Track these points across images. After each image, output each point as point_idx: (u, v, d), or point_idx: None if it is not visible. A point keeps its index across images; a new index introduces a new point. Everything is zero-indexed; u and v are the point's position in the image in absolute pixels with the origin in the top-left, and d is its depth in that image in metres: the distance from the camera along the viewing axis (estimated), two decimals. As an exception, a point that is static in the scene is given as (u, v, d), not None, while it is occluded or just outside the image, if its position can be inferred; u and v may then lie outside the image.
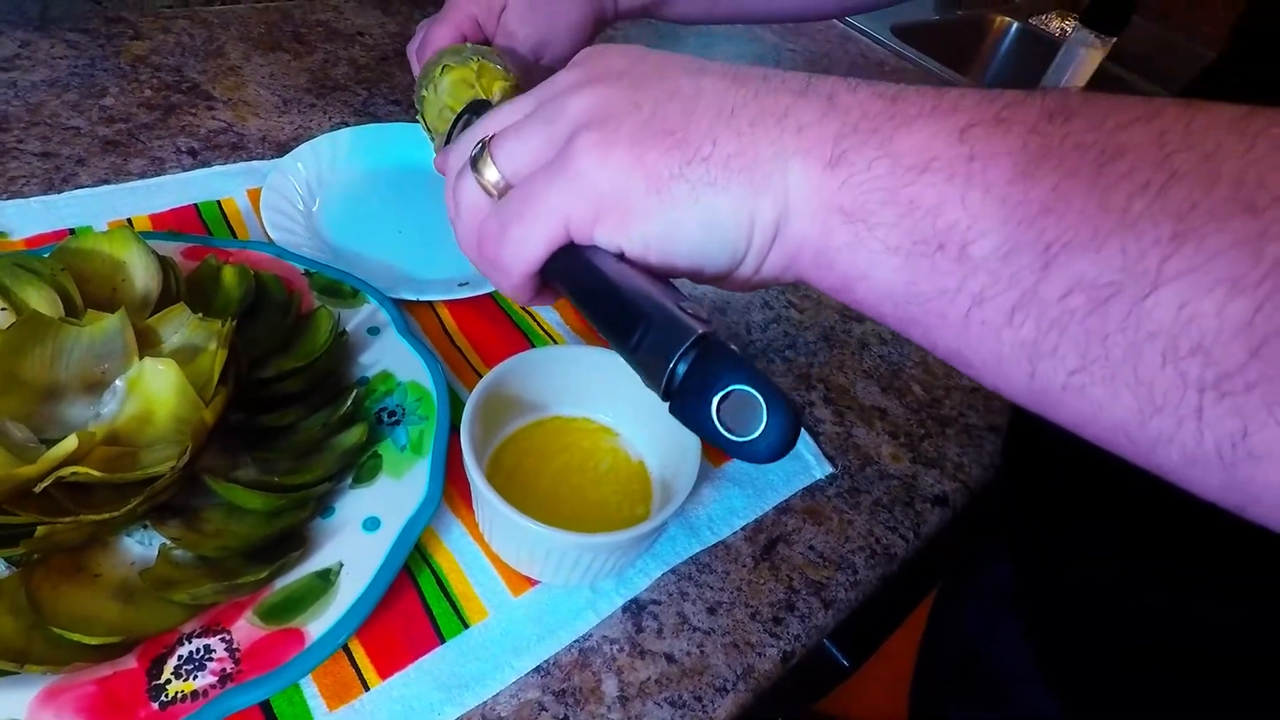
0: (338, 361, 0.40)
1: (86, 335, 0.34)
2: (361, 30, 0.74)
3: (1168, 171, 0.17)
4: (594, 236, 0.25)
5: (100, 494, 0.31)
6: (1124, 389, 0.18)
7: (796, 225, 0.23)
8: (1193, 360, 0.17)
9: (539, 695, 0.33)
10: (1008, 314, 0.19)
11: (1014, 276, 0.19)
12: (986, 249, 0.19)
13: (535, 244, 0.25)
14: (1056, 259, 0.18)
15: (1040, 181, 0.19)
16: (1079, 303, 0.18)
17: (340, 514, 0.35)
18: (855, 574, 0.41)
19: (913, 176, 0.20)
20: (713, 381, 0.21)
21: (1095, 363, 0.18)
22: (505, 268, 0.26)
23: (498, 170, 0.26)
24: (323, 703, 0.31)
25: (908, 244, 0.21)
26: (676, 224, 0.23)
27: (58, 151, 0.52)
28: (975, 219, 0.19)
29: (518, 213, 0.25)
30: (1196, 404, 0.17)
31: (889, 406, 0.51)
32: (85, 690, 0.27)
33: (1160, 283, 0.17)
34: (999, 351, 0.20)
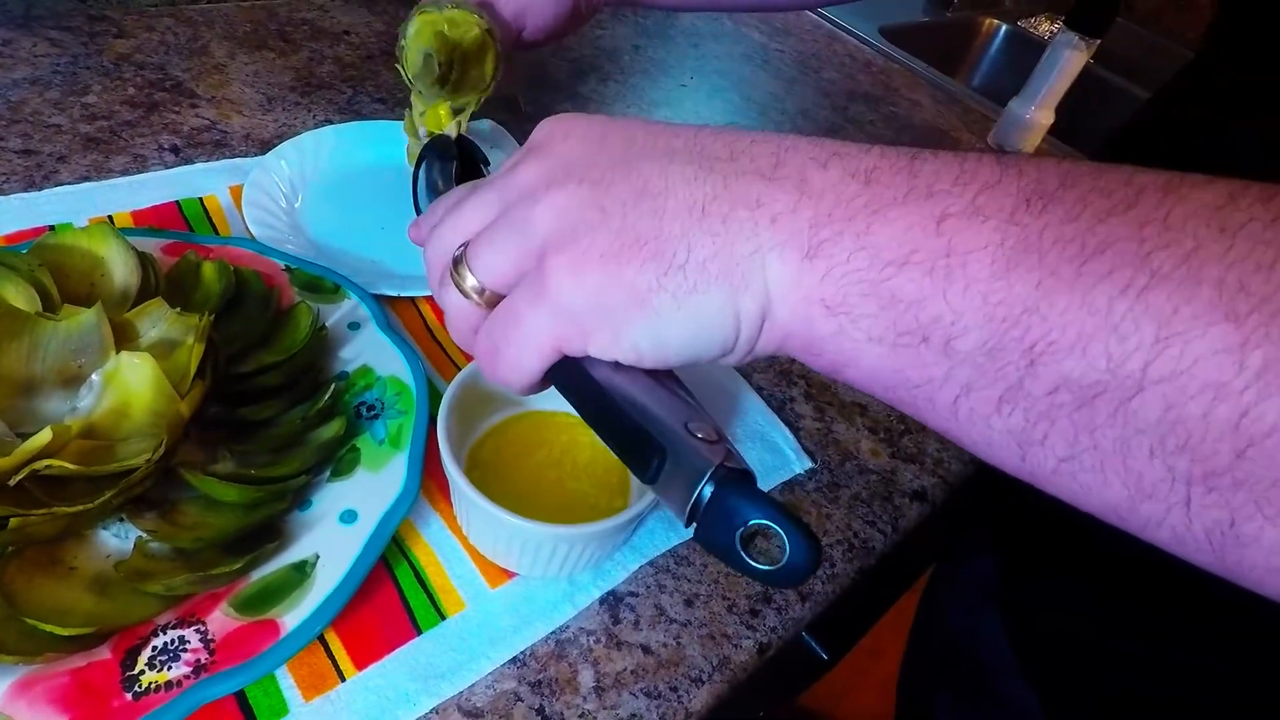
0: (317, 356, 0.41)
1: (63, 330, 0.34)
2: (348, 29, 0.74)
3: (1149, 272, 0.17)
4: (587, 350, 0.25)
5: (75, 487, 0.31)
6: (1114, 476, 0.18)
7: (781, 315, 0.23)
8: (1180, 457, 0.17)
9: (515, 686, 0.33)
10: (995, 404, 0.20)
11: (999, 371, 0.19)
12: (971, 345, 0.19)
13: (530, 363, 0.25)
14: (1041, 358, 0.18)
15: (1022, 280, 0.19)
16: (1066, 399, 0.18)
17: (318, 507, 0.35)
18: (833, 567, 0.42)
19: (893, 271, 0.20)
20: (734, 516, 0.22)
21: (1084, 452, 0.18)
22: (506, 382, 0.27)
23: (477, 280, 0.26)
24: (298, 693, 0.31)
25: (892, 335, 0.21)
26: (664, 331, 0.23)
27: (39, 149, 0.52)
28: (958, 315, 0.19)
29: (506, 338, 0.25)
30: (1185, 495, 0.17)
31: (869, 402, 0.51)
32: (59, 681, 0.28)
33: (1145, 385, 0.17)
34: (989, 437, 0.20)
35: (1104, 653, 0.41)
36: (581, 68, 0.80)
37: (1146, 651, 0.39)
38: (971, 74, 1.39)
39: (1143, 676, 0.40)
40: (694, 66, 0.86)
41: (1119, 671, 0.41)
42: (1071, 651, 0.43)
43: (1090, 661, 0.42)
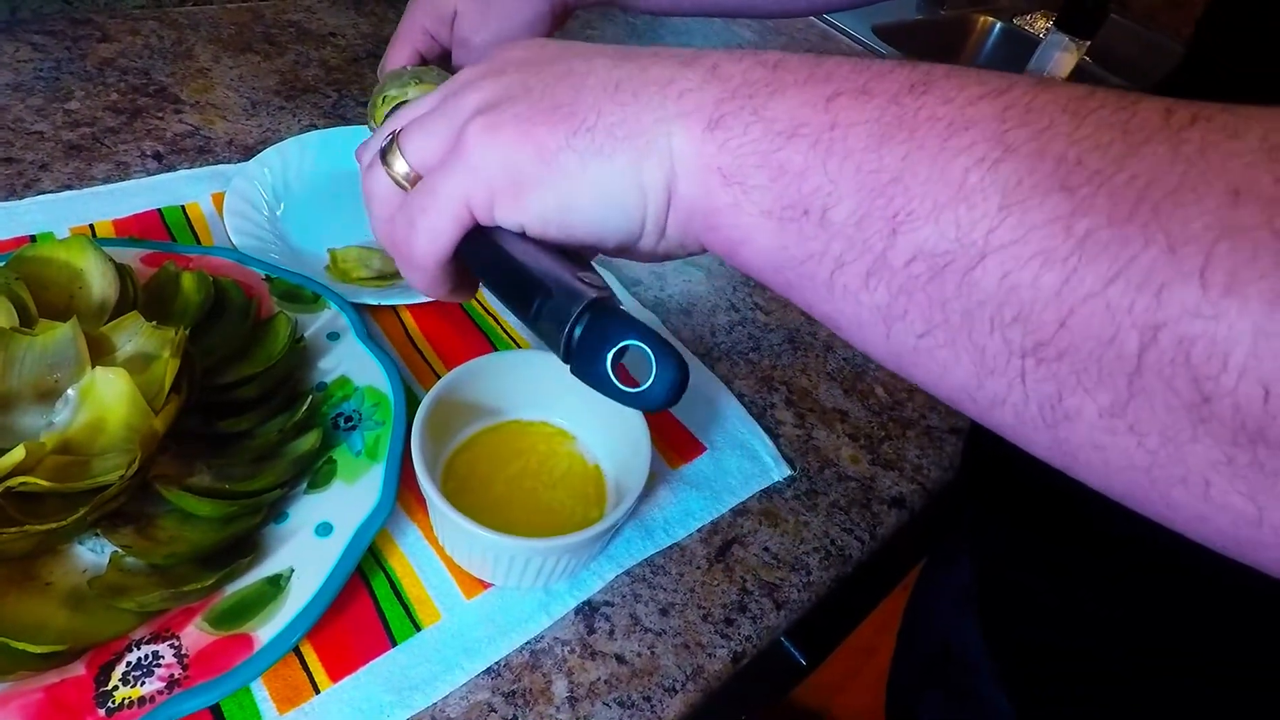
0: (295, 367, 0.41)
1: (39, 344, 0.34)
2: (334, 31, 0.74)
3: (1003, 146, 0.19)
4: (494, 217, 0.25)
5: (50, 503, 0.31)
6: (963, 352, 0.19)
7: (683, 188, 0.24)
8: (1014, 328, 0.18)
9: (489, 696, 0.34)
10: (863, 278, 0.21)
11: (866, 242, 0.20)
12: (843, 214, 0.21)
13: (441, 232, 0.26)
14: (901, 226, 0.20)
15: (892, 152, 0.20)
16: (920, 269, 0.19)
17: (294, 519, 0.35)
18: (809, 575, 0.42)
19: (781, 142, 0.22)
20: (605, 340, 0.23)
21: (938, 327, 0.20)
22: (419, 261, 0.27)
23: (406, 162, 0.27)
24: (273, 706, 0.31)
25: (778, 208, 0.22)
26: (569, 194, 0.24)
27: (20, 157, 0.52)
28: (834, 185, 0.21)
29: (421, 206, 0.26)
30: (1020, 369, 0.18)
31: (851, 409, 0.52)
32: (32, 698, 0.28)
33: (987, 252, 0.18)
34: (859, 314, 0.21)
35: (1075, 658, 0.41)
36: (569, 69, 0.79)
37: (1118, 659, 0.40)
38: (965, 71, 1.39)
39: (1115, 685, 0.40)
40: (683, 67, 0.86)
41: (1090, 679, 0.41)
42: (1043, 656, 0.43)
43: (1062, 666, 0.42)
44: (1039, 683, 0.44)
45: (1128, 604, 0.39)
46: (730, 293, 0.58)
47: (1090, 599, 0.41)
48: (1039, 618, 0.44)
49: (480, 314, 0.49)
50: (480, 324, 0.49)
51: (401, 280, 0.50)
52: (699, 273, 0.58)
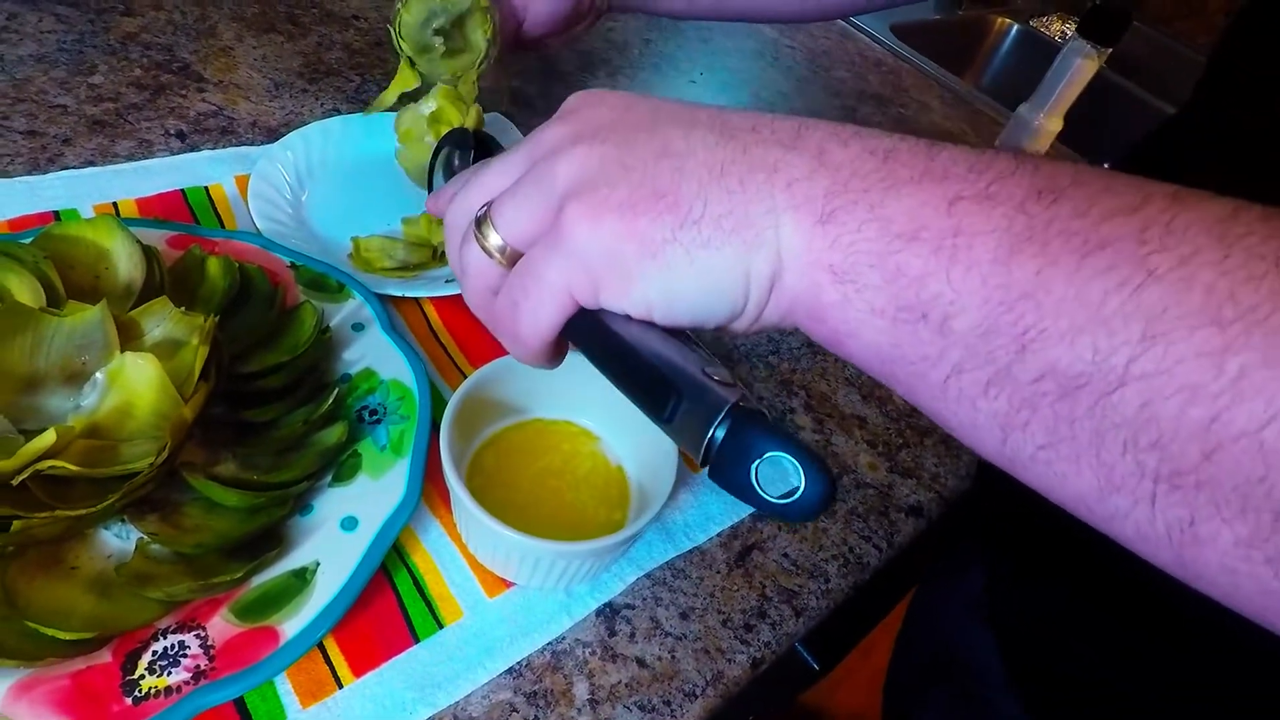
0: (321, 358, 0.41)
1: (67, 326, 0.34)
2: (357, 13, 0.73)
3: (1145, 271, 0.18)
4: (599, 302, 0.25)
5: (78, 487, 0.31)
6: (1087, 467, 0.19)
7: (790, 281, 0.23)
8: (1150, 454, 0.18)
9: (510, 696, 0.34)
10: (983, 387, 0.20)
11: (990, 354, 0.20)
12: (966, 325, 0.20)
13: (546, 316, 0.26)
14: (1031, 345, 0.19)
15: (1022, 266, 0.19)
16: (1050, 387, 0.19)
17: (319, 512, 0.35)
18: (827, 582, 0.42)
19: (901, 245, 0.21)
20: (749, 450, 0.22)
21: (1062, 442, 0.19)
22: (523, 341, 0.27)
23: (500, 237, 0.27)
24: (296, 700, 0.31)
25: (893, 310, 0.21)
26: (675, 285, 0.24)
27: (44, 130, 0.51)
28: (958, 294, 0.20)
29: (524, 288, 0.26)
30: (1151, 491, 0.18)
31: (869, 415, 0.52)
32: (59, 684, 0.28)
33: (1126, 380, 0.18)
34: (975, 419, 0.21)
35: (1090, 670, 0.42)
36: (591, 60, 0.79)
37: (1130, 671, 0.40)
38: (982, 73, 1.38)
39: (1126, 696, 0.40)
40: (704, 63, 0.85)
41: (1105, 690, 0.41)
42: (1059, 666, 0.44)
43: (1077, 678, 0.42)
44: (1052, 692, 0.44)
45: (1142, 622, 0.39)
46: (751, 294, 0.57)
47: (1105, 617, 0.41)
48: (1052, 631, 0.45)
49: (503, 308, 0.49)
50: (503, 318, 0.48)
51: (425, 271, 0.50)
52: (720, 273, 0.58)
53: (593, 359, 0.27)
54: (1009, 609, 0.48)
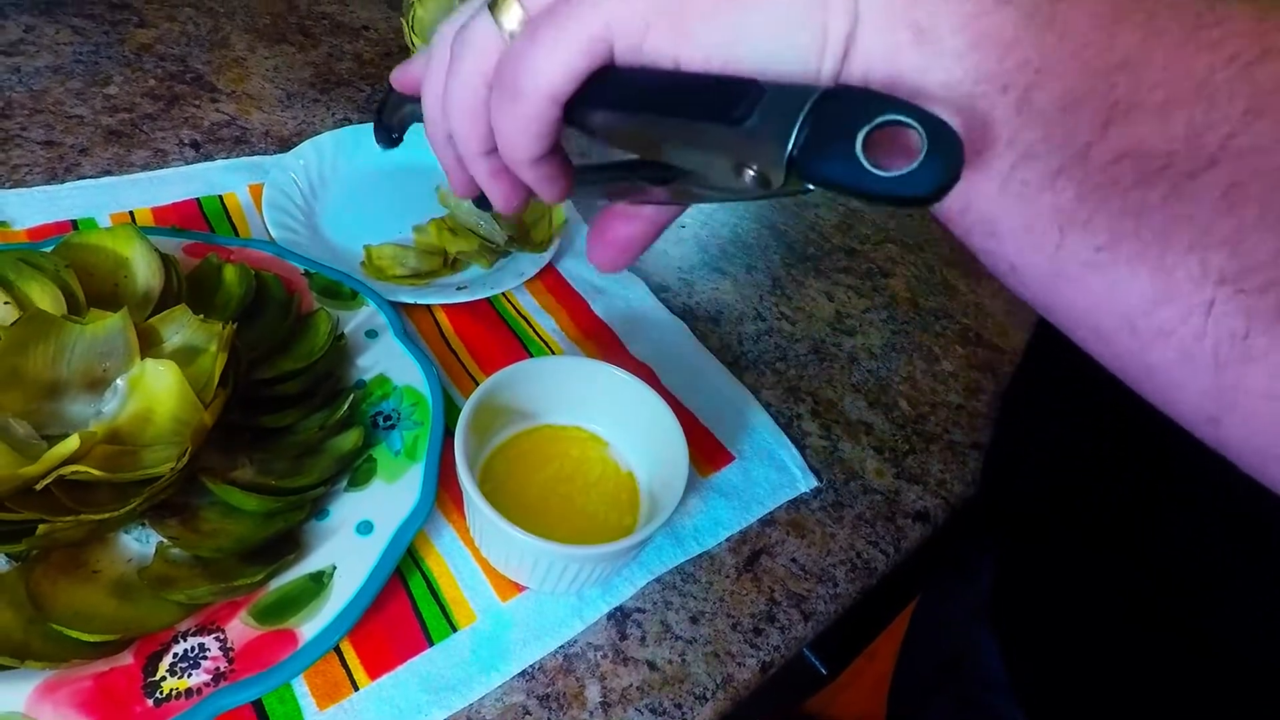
0: (336, 364, 0.41)
1: (89, 333, 0.35)
2: (367, 24, 0.74)
3: (1261, 47, 0.17)
4: (643, 44, 0.21)
5: (100, 492, 0.31)
6: (1145, 271, 0.17)
7: (866, 41, 0.20)
8: (1220, 250, 0.16)
9: (523, 699, 0.34)
10: (1052, 175, 0.18)
11: (1070, 132, 0.18)
12: (1050, 97, 0.18)
13: (570, 47, 0.21)
14: (1119, 120, 0.17)
15: (1125, 34, 0.18)
16: (1127, 171, 0.17)
17: (335, 517, 0.35)
18: (835, 587, 0.42)
19: (992, 5, 0.19)
20: (853, 119, 0.18)
21: (1125, 240, 0.18)
22: (524, 83, 0.22)
23: (523, 8, 0.22)
24: (313, 702, 0.32)
25: (970, 81, 0.19)
26: (743, 23, 0.20)
27: (61, 140, 0.52)
28: (1048, 62, 0.18)
29: (553, 17, 0.21)
30: (1210, 298, 0.17)
31: (875, 421, 0.52)
32: (82, 685, 0.28)
33: (1218, 159, 0.16)
34: (1031, 218, 0.19)
35: (1094, 677, 0.42)
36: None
37: (1133, 678, 0.40)
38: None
39: (1129, 703, 0.41)
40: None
41: (1108, 697, 0.41)
42: (1062, 673, 0.44)
43: (1080, 684, 0.43)
44: (1055, 699, 0.45)
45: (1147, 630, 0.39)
46: (757, 301, 0.58)
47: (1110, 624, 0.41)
48: (1056, 637, 0.45)
49: (514, 316, 0.50)
50: (514, 326, 0.49)
51: (437, 279, 0.51)
52: (726, 281, 0.59)
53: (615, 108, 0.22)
54: (1014, 615, 0.48)
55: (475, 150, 0.26)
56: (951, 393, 0.56)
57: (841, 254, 0.65)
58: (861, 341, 0.57)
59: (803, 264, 0.62)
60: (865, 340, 0.57)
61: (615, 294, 0.53)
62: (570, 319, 0.51)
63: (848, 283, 0.62)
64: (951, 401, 0.55)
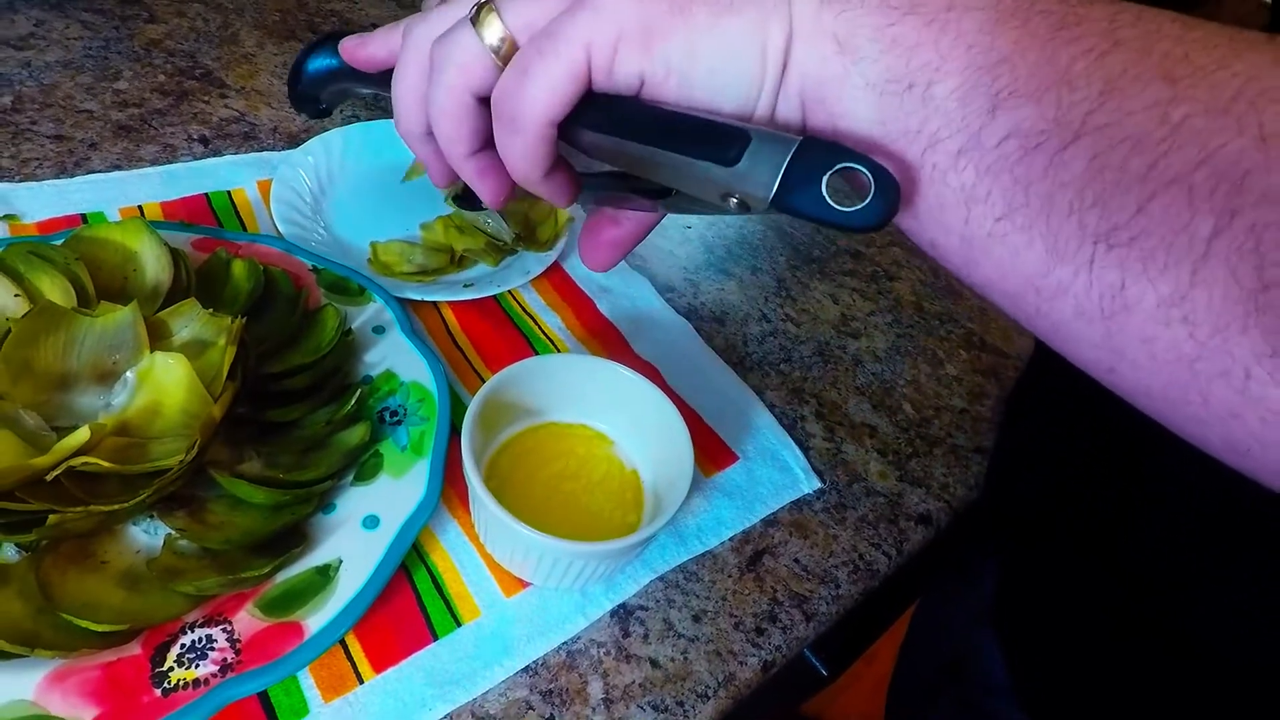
0: (343, 359, 0.41)
1: (99, 326, 0.35)
2: (376, 22, 0.74)
3: (1111, 40, 0.20)
4: (615, 64, 0.24)
5: (110, 484, 0.32)
6: (1037, 237, 0.20)
7: (799, 53, 0.24)
8: (1093, 211, 0.19)
9: (527, 694, 0.34)
10: (954, 157, 0.22)
11: (965, 119, 0.21)
12: (947, 90, 0.22)
13: (558, 82, 0.24)
14: (1002, 105, 0.21)
15: (1004, 36, 0.21)
16: (1012, 148, 0.21)
17: (341, 511, 0.36)
18: (838, 588, 0.43)
19: (897, 17, 0.23)
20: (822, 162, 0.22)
21: (1018, 210, 0.21)
22: (526, 117, 0.25)
23: (504, 25, 0.25)
24: (318, 694, 0.32)
25: (882, 81, 0.23)
26: (697, 45, 0.24)
27: (71, 135, 0.52)
28: (943, 61, 0.22)
29: (538, 50, 0.24)
30: (1090, 254, 0.19)
31: (879, 424, 0.52)
32: (91, 674, 0.28)
33: (1081, 134, 0.19)
34: (943, 196, 0.22)
35: (1095, 681, 0.42)
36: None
37: (1134, 682, 0.40)
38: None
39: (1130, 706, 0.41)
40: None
41: (1110, 702, 0.42)
42: (1064, 676, 0.44)
43: (1081, 688, 0.43)
44: (1056, 702, 0.45)
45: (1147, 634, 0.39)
46: (762, 302, 0.58)
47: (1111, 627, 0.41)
48: (1057, 640, 0.45)
49: (520, 314, 0.50)
50: (519, 324, 0.49)
51: (443, 276, 0.51)
52: (732, 282, 0.59)
53: (624, 133, 0.25)
54: (1017, 619, 0.48)
55: (462, 153, 0.28)
56: (955, 397, 0.56)
57: (847, 256, 0.65)
58: (866, 344, 0.57)
59: (808, 266, 0.63)
60: (870, 343, 0.58)
61: (621, 293, 0.54)
62: (576, 317, 0.51)
63: (853, 285, 0.62)
64: (955, 405, 0.55)
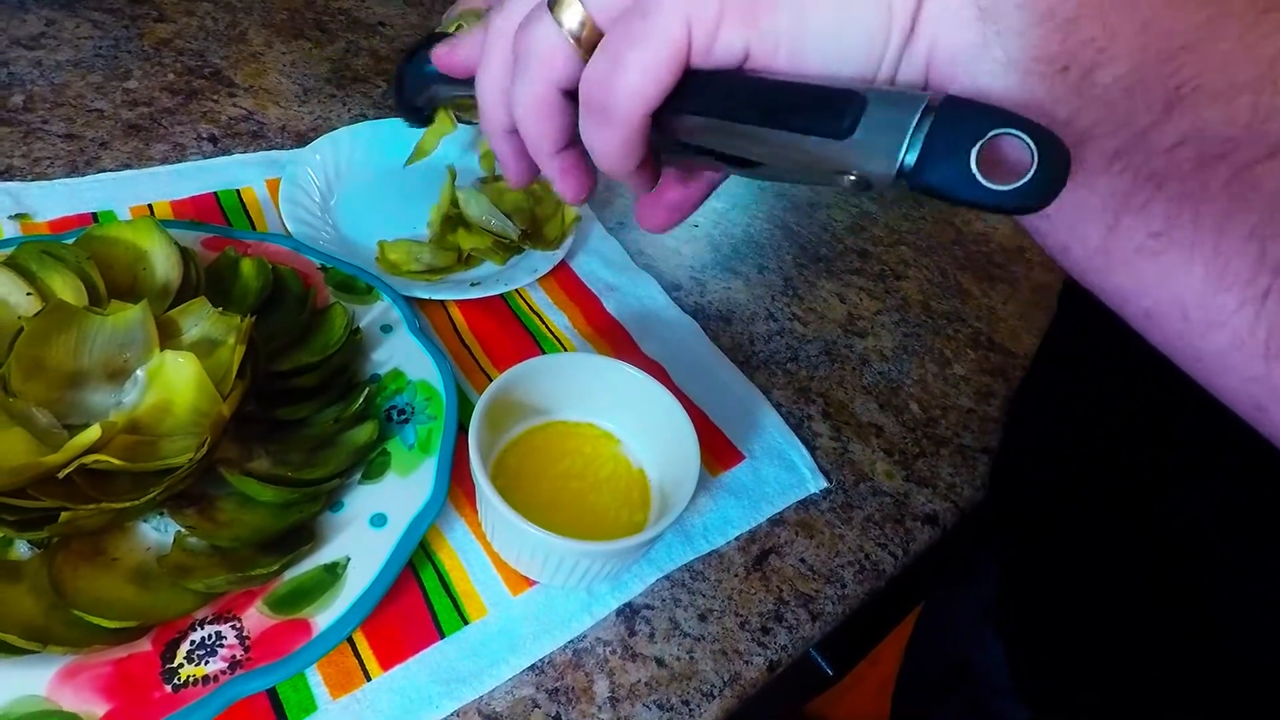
0: (351, 358, 0.42)
1: (110, 325, 0.35)
2: (383, 20, 0.74)
3: None
4: (718, 39, 0.21)
5: (120, 481, 0.32)
6: (1200, 259, 0.17)
7: (931, 13, 0.20)
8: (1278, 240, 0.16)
9: (533, 693, 0.34)
10: (1109, 158, 0.18)
11: (1130, 114, 0.18)
12: (1112, 77, 0.18)
13: (657, 65, 0.21)
14: (1182, 103, 0.17)
15: (1191, 14, 0.17)
16: (1187, 156, 0.17)
17: (349, 509, 0.36)
18: (843, 588, 0.43)
19: None
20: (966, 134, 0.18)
21: (1181, 227, 0.17)
22: (623, 107, 0.22)
23: (584, 8, 0.23)
24: (326, 691, 0.32)
25: (1029, 59, 0.19)
26: (809, 11, 0.21)
27: (81, 134, 0.52)
28: (1111, 40, 0.18)
29: (628, 35, 0.22)
30: (1266, 287, 0.16)
31: (886, 424, 0.52)
32: (102, 670, 0.29)
33: (1278, 151, 0.16)
34: (1086, 201, 0.19)
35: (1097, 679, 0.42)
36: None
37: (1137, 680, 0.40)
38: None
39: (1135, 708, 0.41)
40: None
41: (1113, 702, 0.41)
42: (1066, 676, 0.44)
43: (1083, 687, 0.43)
44: (1058, 701, 0.45)
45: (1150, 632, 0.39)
46: (769, 301, 0.58)
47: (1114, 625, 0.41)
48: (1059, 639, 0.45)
49: (527, 313, 0.50)
50: (527, 323, 0.49)
51: (451, 275, 0.51)
52: (738, 281, 0.59)
53: (712, 112, 0.22)
54: (1018, 618, 0.48)
55: (548, 150, 0.26)
56: (963, 396, 0.56)
57: (854, 255, 0.65)
58: (873, 343, 0.57)
59: (815, 265, 0.63)
60: (877, 342, 0.58)
61: (627, 292, 0.54)
62: (583, 316, 0.51)
63: (860, 284, 0.62)
64: (962, 405, 0.55)
